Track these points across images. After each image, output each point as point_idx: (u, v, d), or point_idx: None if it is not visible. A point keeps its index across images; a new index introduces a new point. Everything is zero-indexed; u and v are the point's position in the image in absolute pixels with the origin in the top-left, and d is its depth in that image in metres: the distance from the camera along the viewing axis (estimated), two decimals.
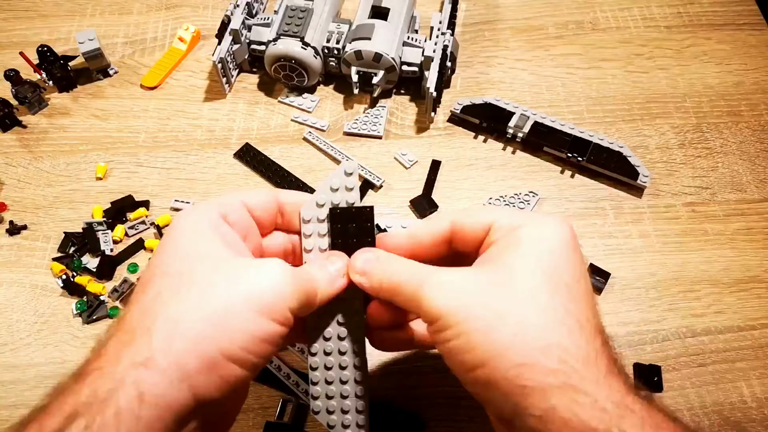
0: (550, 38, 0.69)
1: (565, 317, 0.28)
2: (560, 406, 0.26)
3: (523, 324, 0.28)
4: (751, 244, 0.54)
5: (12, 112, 0.61)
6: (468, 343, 0.28)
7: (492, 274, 0.30)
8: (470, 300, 0.29)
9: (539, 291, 0.29)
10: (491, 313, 0.28)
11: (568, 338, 0.28)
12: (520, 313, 0.28)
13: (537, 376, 0.27)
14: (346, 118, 0.62)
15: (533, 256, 0.30)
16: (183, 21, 0.70)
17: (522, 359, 0.27)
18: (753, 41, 0.68)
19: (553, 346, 0.27)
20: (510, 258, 0.30)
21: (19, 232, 0.55)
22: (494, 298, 0.29)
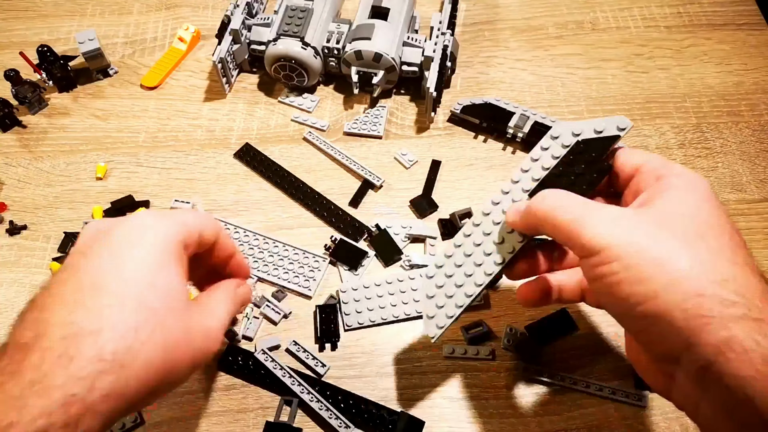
0: (550, 38, 0.69)
1: (734, 257, 0.28)
2: (742, 335, 0.25)
3: (697, 259, 0.27)
4: (751, 244, 0.54)
5: (12, 112, 0.61)
6: (639, 275, 0.28)
7: (656, 213, 0.30)
8: (637, 234, 0.29)
9: (705, 231, 0.29)
10: (662, 247, 0.28)
11: (743, 276, 0.27)
12: (691, 248, 0.28)
13: (717, 307, 0.26)
14: (346, 118, 0.62)
15: (692, 201, 0.30)
16: (183, 21, 0.70)
17: (700, 289, 0.27)
18: (753, 41, 0.68)
19: (729, 280, 0.27)
20: (671, 203, 0.30)
21: (19, 232, 0.55)
22: (661, 234, 0.29)
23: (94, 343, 0.28)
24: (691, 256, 0.28)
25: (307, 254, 0.53)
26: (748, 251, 0.30)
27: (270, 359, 0.46)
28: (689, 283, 0.27)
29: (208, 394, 0.47)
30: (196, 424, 0.45)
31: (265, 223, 0.55)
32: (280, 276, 0.52)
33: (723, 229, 0.30)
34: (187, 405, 0.46)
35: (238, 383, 0.47)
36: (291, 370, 0.46)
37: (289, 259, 0.52)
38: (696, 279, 0.27)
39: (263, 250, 0.53)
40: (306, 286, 0.51)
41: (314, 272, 0.52)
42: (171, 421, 0.45)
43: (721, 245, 0.29)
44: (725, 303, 0.26)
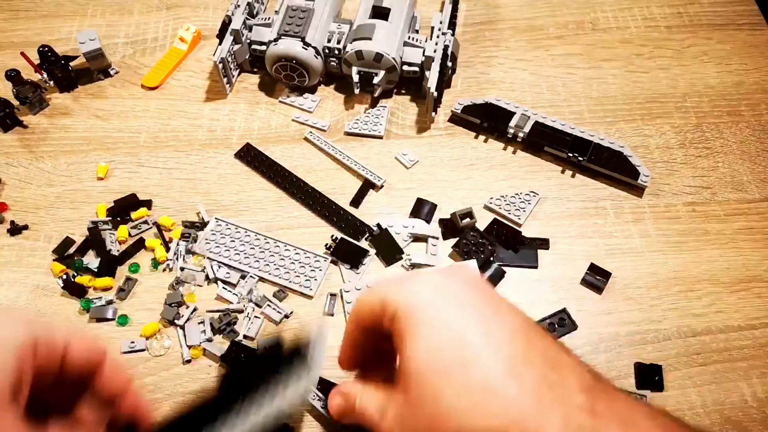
0: (551, 38, 0.69)
1: (479, 386, 0.28)
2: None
3: (447, 418, 0.28)
4: (751, 243, 0.54)
5: (13, 112, 0.61)
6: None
7: (405, 390, 0.31)
8: (403, 427, 0.31)
9: (442, 380, 0.29)
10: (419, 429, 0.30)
11: (496, 402, 0.28)
12: (440, 414, 0.29)
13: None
14: (346, 118, 0.63)
15: (419, 348, 0.30)
16: (184, 21, 0.70)
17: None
18: (753, 41, 0.68)
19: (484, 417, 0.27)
20: (406, 364, 0.31)
21: (20, 232, 0.55)
22: (415, 415, 0.30)
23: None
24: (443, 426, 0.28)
25: (308, 254, 0.53)
26: (506, 343, 0.30)
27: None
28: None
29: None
30: None
31: (266, 223, 0.55)
32: (281, 276, 0.52)
33: (467, 353, 0.29)
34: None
35: None
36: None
37: (290, 259, 0.52)
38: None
39: (264, 250, 0.53)
40: (307, 285, 0.51)
41: (315, 272, 0.52)
42: None
43: (495, 366, 0.28)
44: (541, 404, 0.27)
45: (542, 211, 0.56)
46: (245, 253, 0.53)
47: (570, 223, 0.56)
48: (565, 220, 0.56)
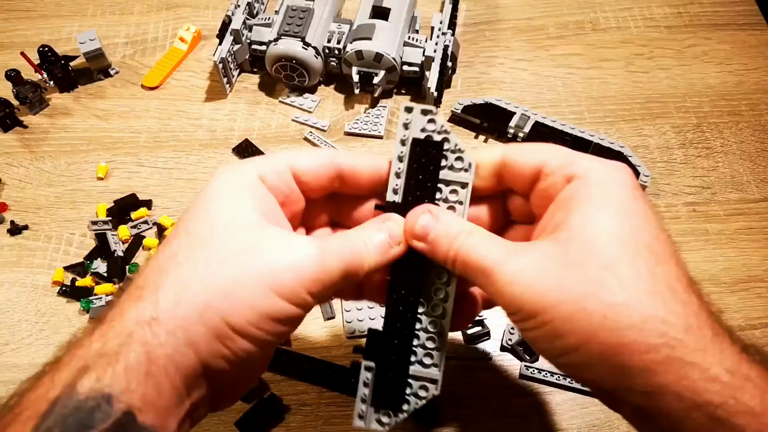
0: (551, 38, 0.69)
1: (654, 285, 0.26)
2: (668, 381, 0.24)
3: (612, 303, 0.25)
4: (751, 243, 0.54)
5: (13, 112, 0.61)
6: (555, 331, 0.26)
7: (565, 251, 0.27)
8: (549, 287, 0.26)
9: (620, 262, 0.26)
10: (574, 298, 0.26)
11: (663, 308, 0.25)
12: (606, 291, 0.25)
13: (637, 355, 0.24)
14: (347, 118, 0.62)
15: (603, 216, 0.27)
16: (184, 21, 0.70)
17: (618, 339, 0.25)
18: (753, 41, 0.68)
19: (648, 320, 0.25)
20: (577, 221, 0.27)
21: (20, 232, 0.55)
22: (574, 281, 0.26)
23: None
24: (606, 300, 0.25)
25: None
26: (676, 254, 0.27)
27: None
28: (606, 333, 0.25)
29: None
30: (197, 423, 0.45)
31: None
32: None
33: (640, 246, 0.26)
34: None
35: None
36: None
37: None
38: (613, 328, 0.25)
39: None
40: None
41: None
42: None
43: (638, 274, 0.26)
44: (645, 349, 0.25)
45: None
46: None
47: None
48: None
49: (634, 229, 0.27)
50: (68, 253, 0.54)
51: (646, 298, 0.25)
